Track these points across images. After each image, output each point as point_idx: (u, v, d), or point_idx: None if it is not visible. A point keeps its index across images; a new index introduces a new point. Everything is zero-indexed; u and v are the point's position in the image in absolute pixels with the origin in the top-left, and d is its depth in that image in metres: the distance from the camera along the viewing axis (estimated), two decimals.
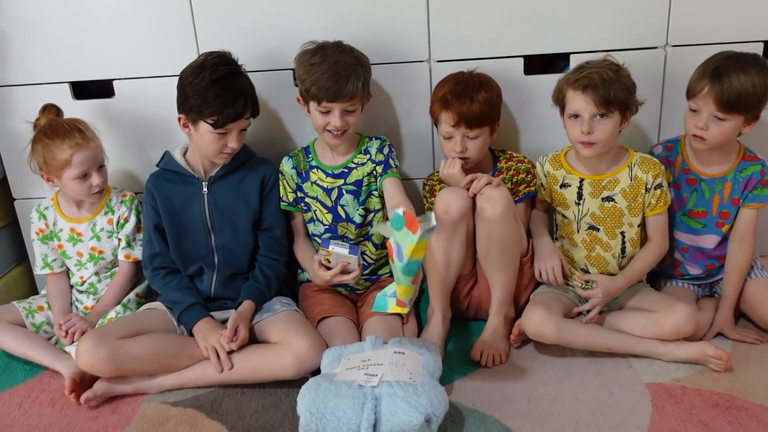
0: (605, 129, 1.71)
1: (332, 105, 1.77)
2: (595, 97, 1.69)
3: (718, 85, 1.67)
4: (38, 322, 1.93)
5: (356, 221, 1.91)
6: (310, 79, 1.77)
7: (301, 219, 1.97)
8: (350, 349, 1.67)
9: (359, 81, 1.77)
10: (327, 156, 1.94)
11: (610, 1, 1.90)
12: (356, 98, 1.78)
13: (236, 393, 1.71)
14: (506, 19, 1.93)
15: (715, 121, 1.71)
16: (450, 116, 1.80)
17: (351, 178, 1.90)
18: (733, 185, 1.82)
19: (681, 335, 1.70)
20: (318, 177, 1.92)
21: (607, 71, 1.69)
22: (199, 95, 1.73)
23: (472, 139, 1.83)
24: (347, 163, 1.91)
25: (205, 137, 1.78)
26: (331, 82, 1.74)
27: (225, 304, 1.87)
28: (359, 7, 1.93)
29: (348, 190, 1.90)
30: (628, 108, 1.73)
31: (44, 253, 1.98)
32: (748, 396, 1.58)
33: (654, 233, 1.83)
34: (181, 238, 1.87)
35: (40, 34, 1.98)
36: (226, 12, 1.94)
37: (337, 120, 1.78)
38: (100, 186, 1.87)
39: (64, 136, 1.81)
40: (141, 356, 1.67)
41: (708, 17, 1.90)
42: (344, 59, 1.77)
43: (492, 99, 1.82)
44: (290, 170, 1.93)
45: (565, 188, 1.85)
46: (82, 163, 1.82)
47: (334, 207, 1.91)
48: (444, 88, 1.83)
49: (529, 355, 1.80)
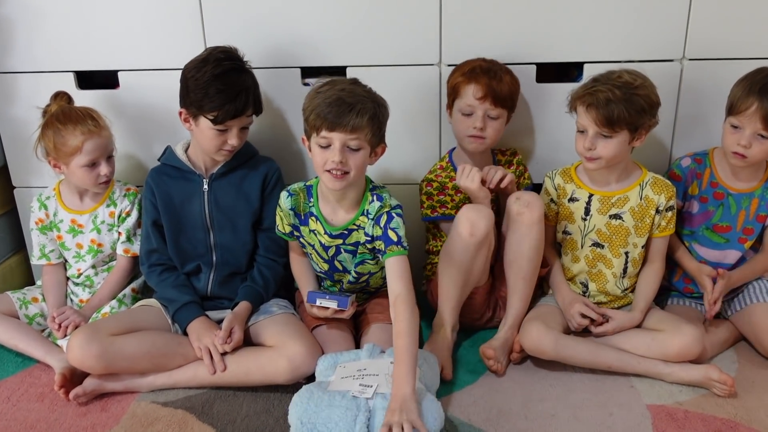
0: (608, 147, 1.68)
1: (332, 135, 1.55)
2: (597, 117, 1.65)
3: (767, 103, 1.64)
4: (32, 314, 1.91)
5: (353, 275, 1.79)
6: (311, 106, 1.57)
7: (297, 243, 1.83)
8: (346, 356, 1.63)
9: (366, 113, 1.54)
10: (328, 208, 1.72)
11: (626, 12, 1.87)
12: (360, 132, 1.55)
13: (228, 395, 1.68)
14: (519, 26, 1.90)
15: (759, 140, 1.69)
16: (478, 88, 1.77)
17: (351, 239, 1.72)
18: (760, 202, 1.81)
19: (687, 357, 1.66)
20: (317, 229, 1.73)
21: (614, 90, 1.63)
22: (200, 90, 1.70)
23: (492, 119, 1.80)
24: (348, 225, 1.70)
25: (206, 133, 1.74)
26: (332, 108, 1.53)
27: (221, 304, 1.84)
28: (370, 9, 1.89)
29: (346, 250, 1.74)
30: (639, 127, 1.68)
31: (42, 244, 1.96)
32: (752, 423, 1.54)
33: (656, 255, 1.81)
34: (179, 235, 1.84)
35: (45, 22, 1.95)
36: (235, 5, 1.91)
37: (336, 154, 1.54)
38: (107, 176, 1.85)
39: (76, 122, 1.80)
40: (133, 354, 1.64)
41: (727, 32, 1.87)
42: (354, 89, 1.58)
43: (515, 85, 1.83)
44: (288, 210, 1.74)
45: (573, 202, 1.81)
46: (93, 150, 1.81)
47: (330, 260, 1.78)
48: (470, 64, 1.81)
49: (528, 370, 1.76)
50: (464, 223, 1.69)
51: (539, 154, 2.03)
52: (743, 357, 1.80)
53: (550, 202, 1.85)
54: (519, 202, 1.71)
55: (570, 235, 1.83)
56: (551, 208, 1.85)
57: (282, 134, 2.04)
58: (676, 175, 1.86)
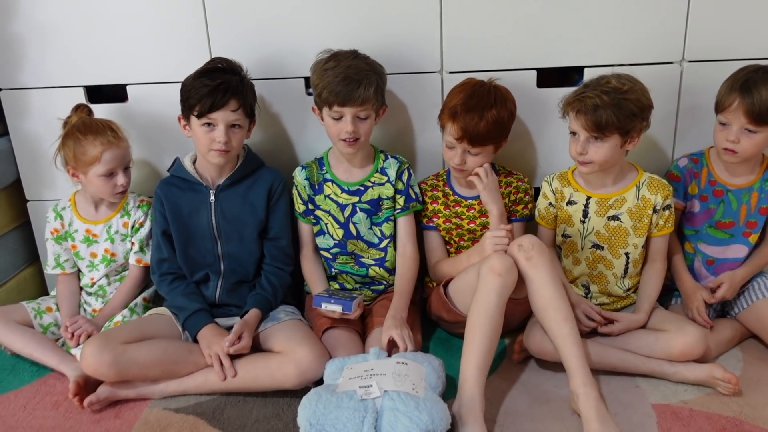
0: (599, 151, 1.70)
1: (343, 109, 1.77)
2: (586, 123, 1.68)
3: (748, 98, 1.67)
4: (46, 323, 1.95)
5: (367, 239, 1.90)
6: (323, 83, 1.77)
7: (309, 230, 1.96)
8: (353, 359, 1.66)
9: (371, 87, 1.76)
10: (341, 169, 1.92)
11: (625, 15, 1.89)
12: (368, 104, 1.77)
13: (238, 401, 1.70)
14: (520, 32, 1.92)
15: (746, 134, 1.71)
16: (455, 129, 1.78)
17: (366, 196, 1.90)
18: (760, 194, 1.83)
19: (691, 357, 1.67)
20: (333, 191, 1.91)
21: (602, 96, 1.66)
22: (188, 88, 1.78)
23: (473, 155, 1.81)
24: (364, 181, 1.90)
25: (196, 132, 1.80)
26: (342, 86, 1.74)
27: (230, 311, 1.87)
28: (372, 17, 1.92)
29: (362, 208, 1.90)
30: (630, 130, 1.70)
31: (57, 253, 2.00)
32: (757, 421, 1.55)
33: (657, 254, 1.82)
34: (188, 244, 1.88)
35: (55, 38, 2.00)
36: (240, 19, 1.95)
37: (349, 125, 1.77)
38: (124, 186, 1.90)
39: (96, 132, 1.85)
40: (145, 362, 1.67)
41: (725, 33, 1.88)
42: (357, 64, 1.77)
43: (502, 118, 1.78)
44: (303, 181, 1.91)
45: (571, 205, 1.83)
46: (111, 161, 1.86)
47: (346, 223, 1.90)
48: (457, 98, 1.80)
49: (534, 372, 1.77)
50: (493, 290, 1.61)
51: (541, 159, 2.04)
52: (749, 355, 1.81)
53: (548, 206, 1.87)
54: (522, 248, 1.63)
55: (570, 238, 1.85)
56: (550, 212, 1.87)
57: (287, 144, 2.07)
58: (675, 176, 1.88)
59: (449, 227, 1.94)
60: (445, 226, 1.94)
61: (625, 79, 1.70)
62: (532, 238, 1.66)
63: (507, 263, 1.60)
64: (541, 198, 1.88)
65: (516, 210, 1.92)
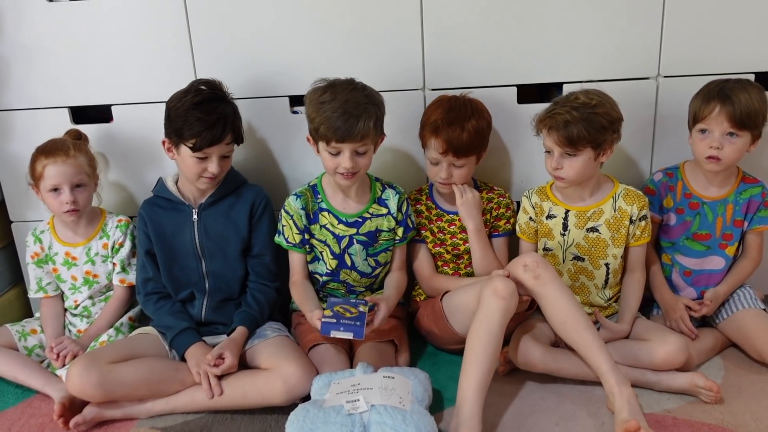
0: (573, 165, 1.74)
1: (342, 146, 1.70)
2: (558, 139, 1.72)
3: (729, 104, 1.72)
4: (30, 345, 1.94)
5: (360, 270, 1.89)
6: (320, 118, 1.70)
7: (302, 260, 1.89)
8: (340, 375, 1.66)
9: (371, 120, 1.70)
10: (338, 199, 1.87)
11: (602, 33, 1.93)
12: (368, 138, 1.72)
13: (226, 419, 1.70)
14: (500, 49, 1.95)
15: (728, 140, 1.75)
16: (439, 143, 1.81)
17: (364, 228, 1.86)
18: (735, 207, 1.86)
19: (673, 366, 1.70)
20: (329, 221, 1.86)
21: (572, 112, 1.70)
22: (180, 118, 1.75)
23: (458, 167, 1.84)
24: (362, 213, 1.86)
25: (186, 161, 1.79)
26: (341, 122, 1.67)
27: (216, 329, 1.87)
28: (355, 36, 1.95)
29: (359, 240, 1.86)
30: (601, 143, 1.73)
31: (39, 277, 2.00)
32: (739, 428, 1.57)
33: (636, 264, 1.86)
34: (172, 264, 1.88)
35: (39, 59, 2.01)
36: (224, 39, 1.97)
37: (347, 161, 1.71)
38: (70, 205, 1.86)
39: (48, 151, 1.86)
40: (131, 381, 1.67)
41: (699, 49, 1.93)
42: (355, 97, 1.70)
43: (481, 128, 1.82)
44: (300, 210, 1.84)
45: (551, 219, 1.86)
46: (54, 176, 1.85)
47: (341, 254, 1.87)
48: (435, 114, 1.82)
49: (519, 384, 1.79)
50: (497, 314, 1.61)
51: (521, 173, 2.07)
52: (730, 363, 1.84)
53: (529, 220, 1.90)
54: (528, 268, 1.64)
55: (551, 251, 1.87)
56: (530, 226, 1.90)
57: (271, 162, 2.08)
58: (651, 190, 1.92)
59: (435, 240, 1.96)
60: (432, 239, 1.96)
61: (593, 94, 1.74)
62: (534, 256, 1.68)
63: (510, 288, 1.61)
64: (521, 213, 1.91)
65: (498, 225, 1.95)
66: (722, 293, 1.87)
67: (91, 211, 1.98)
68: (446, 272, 1.97)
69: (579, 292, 1.87)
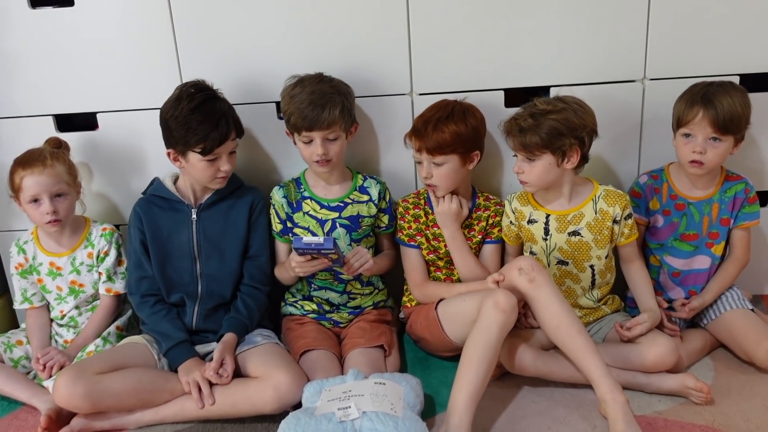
0: (534, 171, 1.75)
1: (312, 134, 1.81)
2: (515, 144, 1.76)
3: (712, 108, 1.73)
4: (16, 357, 1.91)
5: (345, 255, 1.89)
6: (290, 109, 1.82)
7: (286, 249, 1.96)
8: (332, 382, 1.65)
9: (336, 108, 1.80)
10: (319, 187, 1.96)
11: (588, 37, 1.94)
12: (335, 125, 1.81)
13: (216, 428, 1.69)
14: (487, 53, 1.96)
15: (711, 144, 1.76)
16: (414, 141, 1.85)
17: (346, 212, 1.93)
18: (720, 206, 1.87)
19: (663, 367, 1.70)
20: (312, 208, 1.93)
21: (526, 118, 1.72)
22: (181, 127, 1.74)
23: (437, 165, 1.84)
24: (344, 198, 1.94)
25: (197, 166, 1.79)
26: (308, 111, 1.78)
27: (206, 338, 1.86)
28: (342, 42, 1.95)
29: (342, 224, 1.92)
30: (561, 149, 1.72)
31: (24, 288, 1.97)
32: (730, 429, 1.58)
33: (631, 257, 1.88)
34: (165, 264, 1.86)
35: (23, 67, 1.99)
36: (210, 46, 1.96)
37: (319, 148, 1.81)
38: (51, 216, 1.83)
39: (25, 162, 1.83)
40: (120, 392, 1.65)
41: (684, 51, 1.94)
42: (321, 88, 1.81)
43: (462, 130, 1.81)
44: (281, 199, 1.93)
45: (533, 224, 1.86)
46: (32, 187, 1.82)
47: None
48: (421, 115, 1.86)
49: (511, 388, 1.78)
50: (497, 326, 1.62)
51: (508, 178, 2.07)
52: (720, 364, 1.84)
53: (509, 224, 1.90)
54: (523, 272, 1.65)
55: (535, 256, 1.87)
56: (511, 230, 1.90)
57: (259, 167, 2.08)
58: (637, 193, 1.93)
59: (429, 247, 1.96)
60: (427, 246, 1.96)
61: (557, 100, 1.75)
62: (529, 259, 1.69)
63: (512, 302, 1.61)
64: (504, 217, 1.92)
65: (492, 232, 1.95)
66: (708, 301, 1.89)
67: (75, 220, 1.96)
68: (439, 278, 1.97)
69: (566, 295, 1.85)
